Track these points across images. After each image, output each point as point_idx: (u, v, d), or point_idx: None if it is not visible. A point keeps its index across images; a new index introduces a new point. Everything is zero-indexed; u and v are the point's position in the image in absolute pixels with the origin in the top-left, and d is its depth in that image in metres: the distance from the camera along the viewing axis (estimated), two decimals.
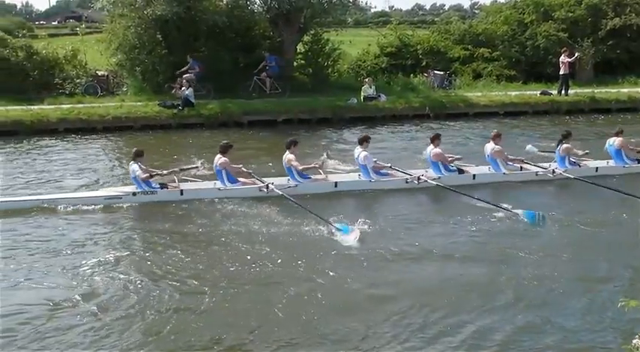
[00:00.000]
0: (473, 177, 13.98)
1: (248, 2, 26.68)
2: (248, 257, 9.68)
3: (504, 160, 14.22)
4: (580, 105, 25.48)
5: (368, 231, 10.62)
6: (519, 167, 14.47)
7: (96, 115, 20.74)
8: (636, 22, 30.04)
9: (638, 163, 14.98)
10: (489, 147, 14.33)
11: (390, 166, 14.10)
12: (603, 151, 15.27)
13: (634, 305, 4.95)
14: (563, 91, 25.85)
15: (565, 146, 14.42)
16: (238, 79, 24.55)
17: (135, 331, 7.47)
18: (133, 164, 12.50)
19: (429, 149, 14.04)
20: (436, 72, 28.30)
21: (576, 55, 26.66)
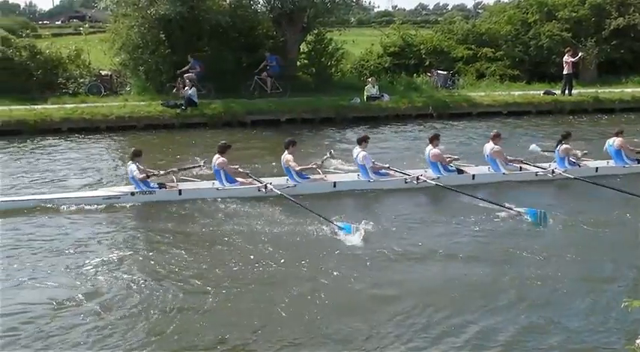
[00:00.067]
0: (472, 178, 13.95)
1: (251, 2, 26.72)
2: (251, 256, 9.68)
3: (504, 160, 14.21)
4: (584, 105, 25.44)
5: (371, 231, 10.61)
6: (519, 167, 14.45)
7: (99, 115, 20.77)
8: None
9: (638, 163, 14.95)
10: (489, 147, 14.30)
11: (389, 167, 14.04)
12: (603, 152, 15.25)
13: (638, 305, 4.94)
14: (566, 91, 25.81)
15: (564, 147, 14.39)
16: (239, 79, 24.55)
17: (138, 331, 7.48)
18: (131, 164, 12.50)
19: (428, 149, 14.01)
20: (439, 71, 28.28)
21: (580, 55, 26.62)
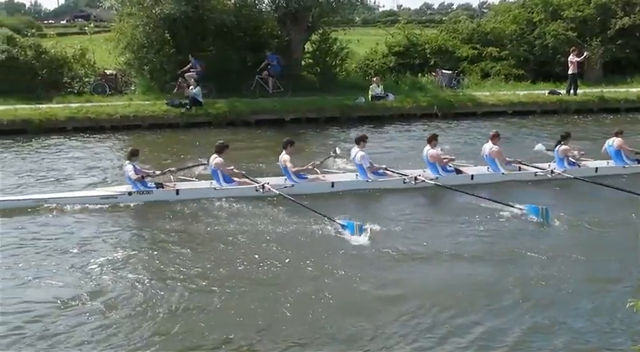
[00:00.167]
0: (471, 178, 13.91)
1: (256, 1, 26.70)
2: (256, 256, 9.68)
3: (503, 161, 14.15)
4: (589, 104, 25.36)
5: (374, 231, 10.55)
6: (518, 167, 14.39)
7: (104, 114, 20.79)
8: None
9: (638, 163, 14.90)
10: (488, 147, 14.25)
11: (386, 168, 13.95)
12: (602, 152, 15.19)
13: None
14: (571, 91, 25.75)
15: (563, 147, 14.34)
16: (242, 79, 24.53)
17: (143, 330, 7.48)
18: (128, 164, 12.51)
19: (426, 150, 13.96)
20: (444, 71, 28.24)
21: (585, 55, 26.50)
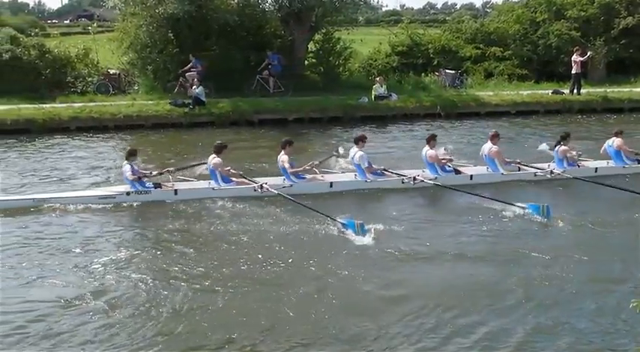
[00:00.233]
0: (470, 178, 13.87)
1: (259, 1, 26.70)
2: (259, 256, 9.68)
3: (502, 161, 14.12)
4: (592, 104, 25.34)
5: (377, 231, 10.54)
6: (517, 167, 14.34)
7: (107, 114, 20.82)
8: None
9: (638, 163, 14.85)
10: (487, 147, 14.21)
11: (384, 169, 13.91)
12: (601, 152, 15.15)
13: None
14: (575, 91, 25.73)
15: (563, 148, 14.30)
16: (245, 78, 24.50)
17: (146, 330, 7.49)
18: (126, 164, 12.51)
19: (425, 150, 13.93)
20: (447, 71, 28.23)
21: (588, 54, 26.51)
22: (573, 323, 7.74)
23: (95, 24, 39.41)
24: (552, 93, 26.06)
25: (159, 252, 9.91)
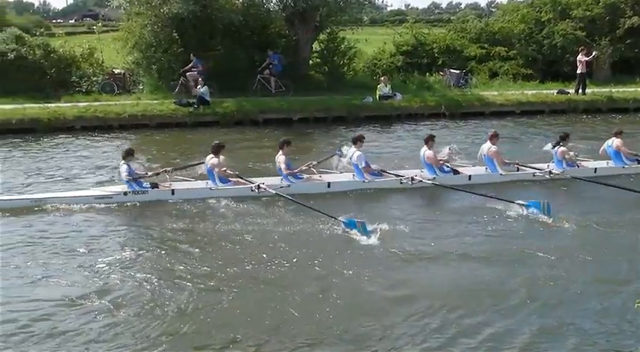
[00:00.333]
0: (469, 178, 13.81)
1: (264, 1, 26.72)
2: (263, 255, 9.67)
3: (501, 161, 14.07)
4: (597, 104, 25.27)
5: (382, 231, 10.52)
6: (516, 168, 14.27)
7: (112, 113, 20.85)
8: None
9: (637, 163, 14.76)
10: (486, 147, 14.16)
11: (381, 169, 13.87)
12: (600, 153, 15.08)
13: None
14: (580, 90, 25.67)
15: (562, 149, 14.23)
16: (249, 78, 24.49)
17: (150, 330, 7.48)
18: (123, 164, 12.50)
19: (423, 150, 13.88)
20: (452, 71, 28.20)
21: (594, 54, 26.43)
22: (578, 323, 7.71)
23: (100, 24, 39.38)
24: (557, 93, 26.01)
25: (162, 252, 9.90)
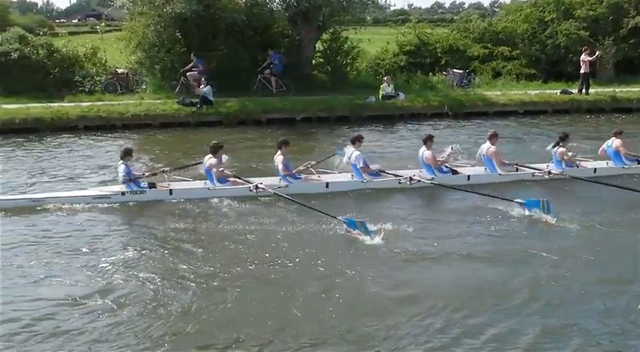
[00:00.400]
0: (467, 178, 13.76)
1: (267, 0, 26.70)
2: (266, 255, 9.67)
3: (499, 161, 14.02)
4: (601, 104, 25.25)
5: (383, 230, 10.48)
6: (515, 168, 14.22)
7: (115, 113, 20.87)
8: None
9: (637, 164, 14.69)
10: (485, 147, 14.12)
11: (379, 169, 13.85)
12: (599, 153, 15.03)
13: None
14: (583, 90, 25.65)
15: (561, 150, 14.17)
16: (251, 78, 24.45)
17: (153, 330, 7.48)
18: (121, 164, 12.51)
19: (422, 151, 13.84)
20: (455, 70, 28.17)
21: (597, 54, 26.42)
22: (582, 324, 7.69)
23: (103, 23, 39.58)
24: (561, 92, 25.97)
25: (164, 252, 9.89)
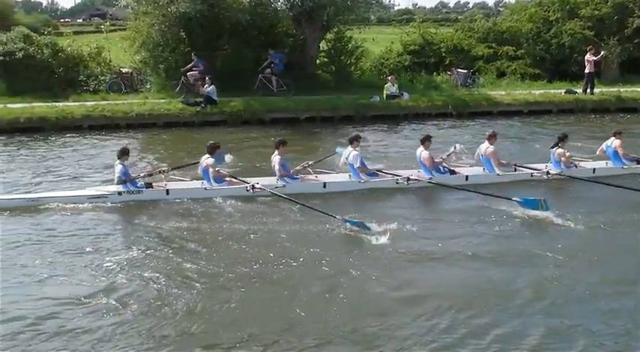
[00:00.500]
0: (466, 178, 13.72)
1: (271, 0, 26.70)
2: (270, 254, 9.66)
3: (497, 162, 13.98)
4: (605, 104, 25.19)
5: (383, 230, 10.46)
6: (513, 168, 14.18)
7: (120, 112, 20.90)
8: None
9: (637, 164, 14.62)
10: (483, 147, 14.09)
11: (377, 169, 13.86)
12: (597, 153, 14.99)
13: None
14: (588, 90, 25.59)
15: (559, 151, 14.11)
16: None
17: (155, 329, 7.49)
18: (118, 164, 12.52)
19: (419, 151, 13.78)
20: (459, 70, 28.15)
21: (602, 54, 26.36)
22: (586, 324, 7.66)
23: (108, 23, 39.69)
24: (565, 92, 25.93)
25: (167, 251, 9.89)
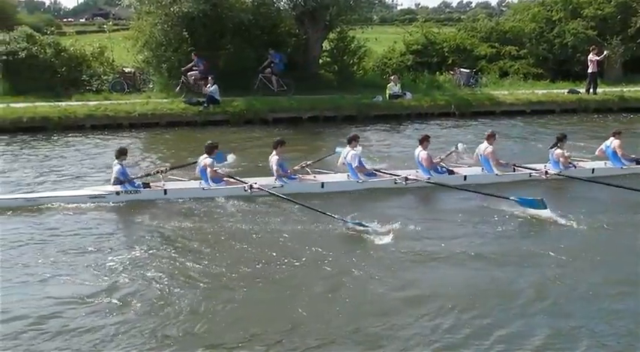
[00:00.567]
0: (464, 178, 13.71)
1: (274, 0, 26.70)
2: (273, 254, 9.66)
3: (496, 162, 13.96)
4: (608, 104, 25.14)
5: (384, 230, 10.46)
6: (512, 168, 14.16)
7: (122, 112, 20.90)
8: None
9: (636, 164, 14.58)
10: (482, 147, 14.08)
11: (375, 169, 13.85)
12: (596, 153, 14.96)
13: None
14: (591, 90, 25.55)
15: (558, 151, 14.08)
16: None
17: (158, 329, 7.49)
18: (116, 164, 12.51)
19: (418, 151, 13.78)
20: (462, 70, 28.11)
21: (605, 53, 26.33)
22: (589, 325, 7.66)
23: (110, 22, 39.62)
24: (568, 92, 25.87)
25: (170, 251, 9.88)
